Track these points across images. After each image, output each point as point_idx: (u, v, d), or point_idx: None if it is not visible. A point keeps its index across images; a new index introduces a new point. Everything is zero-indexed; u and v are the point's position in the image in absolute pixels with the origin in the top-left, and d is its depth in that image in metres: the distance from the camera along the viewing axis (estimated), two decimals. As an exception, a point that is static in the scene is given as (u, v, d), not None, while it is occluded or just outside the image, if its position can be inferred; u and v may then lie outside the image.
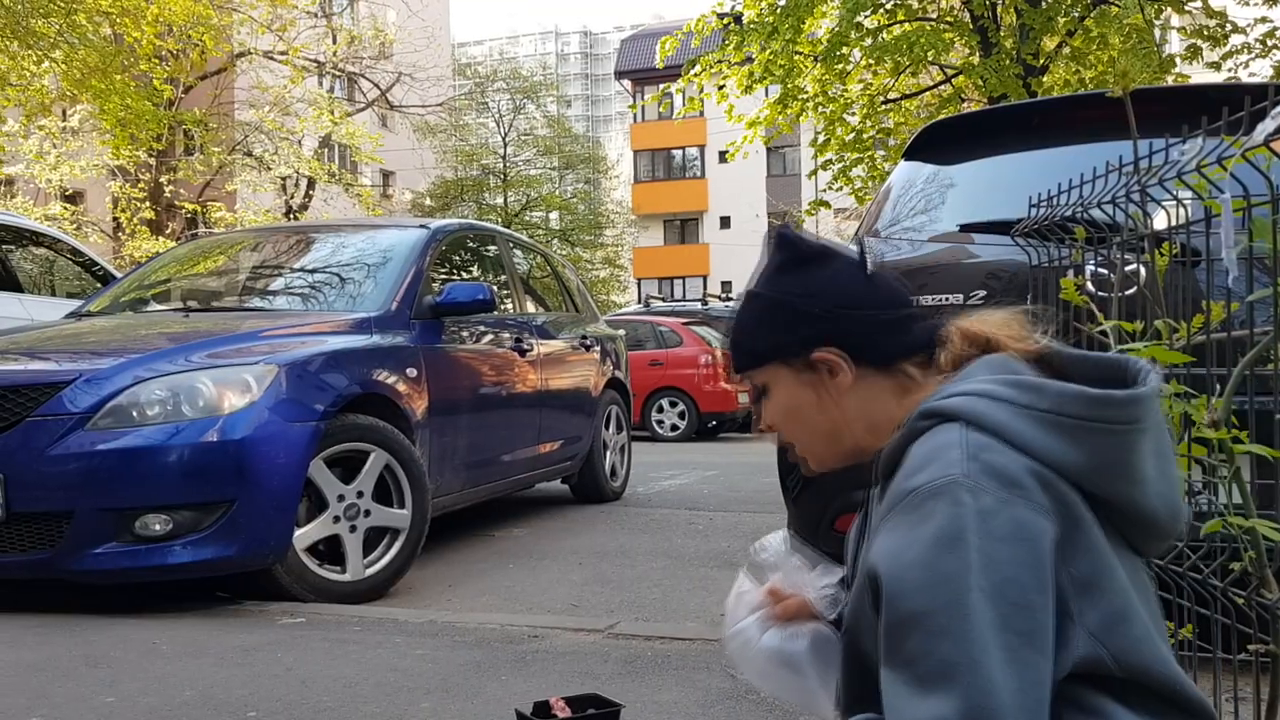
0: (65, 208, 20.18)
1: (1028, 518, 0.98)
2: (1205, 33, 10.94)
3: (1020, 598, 0.95)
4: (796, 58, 11.30)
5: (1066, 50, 11.42)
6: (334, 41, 22.66)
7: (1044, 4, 10.64)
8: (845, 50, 10.95)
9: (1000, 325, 1.20)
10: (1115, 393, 1.05)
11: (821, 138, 12.09)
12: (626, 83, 40.38)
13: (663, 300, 22.92)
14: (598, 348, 6.32)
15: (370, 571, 3.71)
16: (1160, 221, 1.70)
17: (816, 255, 1.23)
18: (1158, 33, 11.70)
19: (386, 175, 31.44)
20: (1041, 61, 11.03)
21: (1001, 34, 11.13)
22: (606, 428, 6.33)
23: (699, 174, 40.32)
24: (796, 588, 1.28)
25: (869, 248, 1.28)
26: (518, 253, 6.16)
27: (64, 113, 17.33)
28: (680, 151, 40.53)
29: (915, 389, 1.18)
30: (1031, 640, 0.95)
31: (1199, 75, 10.38)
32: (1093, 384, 1.08)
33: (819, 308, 1.20)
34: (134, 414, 3.31)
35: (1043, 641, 0.95)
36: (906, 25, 11.25)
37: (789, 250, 1.24)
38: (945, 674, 0.93)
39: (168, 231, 20.98)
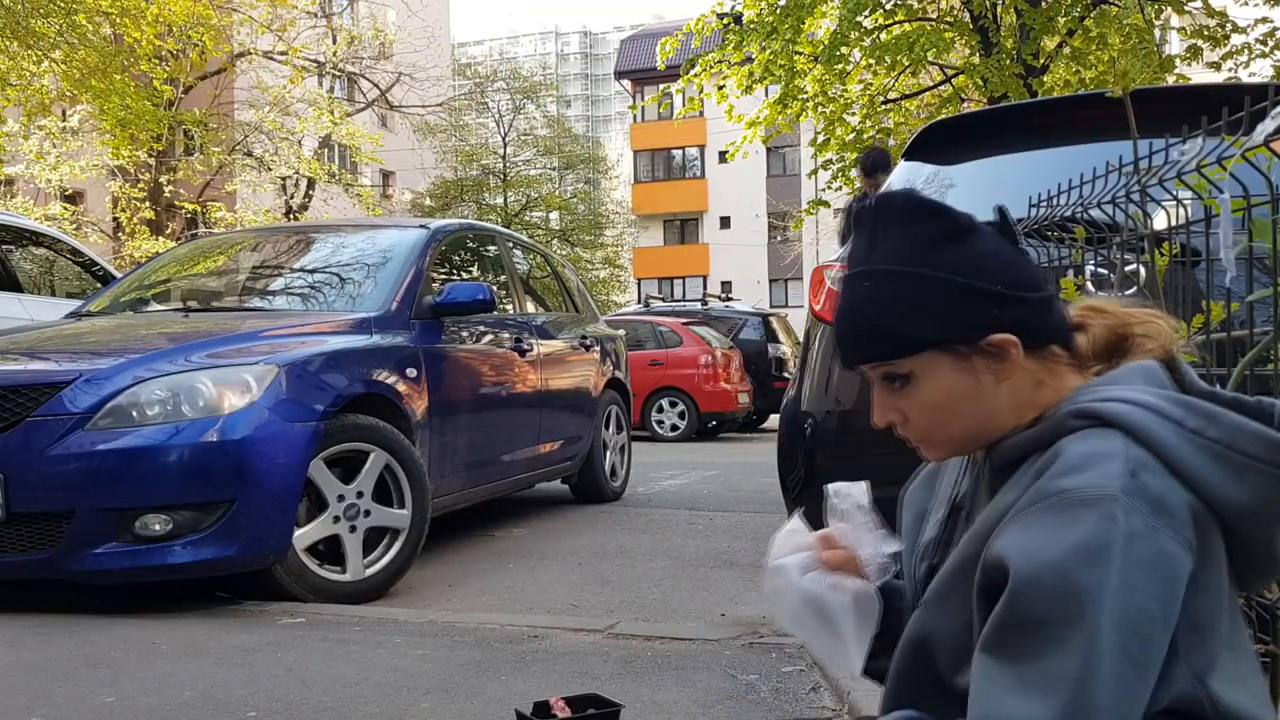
0: (65, 208, 20.18)
1: (1171, 549, 0.95)
2: (1205, 33, 10.94)
3: (1145, 628, 0.94)
4: (796, 58, 11.29)
5: (1066, 50, 11.41)
6: (334, 41, 22.66)
7: (1044, 4, 10.64)
8: (845, 50, 10.94)
9: (1141, 320, 1.14)
10: None
11: (821, 138, 12.08)
12: (626, 83, 40.39)
13: (663, 300, 22.87)
14: (598, 348, 6.32)
15: (370, 571, 3.71)
16: (1160, 221, 1.70)
17: (972, 226, 1.10)
18: (1158, 33, 11.69)
19: (386, 175, 31.43)
20: (1041, 61, 11.02)
21: (1001, 34, 11.13)
22: (606, 428, 6.33)
23: (699, 174, 40.32)
24: (853, 543, 1.22)
25: (1010, 215, 1.17)
26: (518, 253, 6.16)
27: (64, 113, 17.31)
28: (680, 152, 40.53)
29: (1058, 374, 1.11)
30: (1143, 671, 0.94)
31: (1199, 75, 10.37)
32: None
33: (992, 286, 1.07)
34: (134, 414, 3.31)
35: (1152, 674, 0.95)
36: (906, 25, 11.24)
37: (942, 221, 1.10)
38: (1052, 684, 0.93)
39: (168, 231, 20.97)
